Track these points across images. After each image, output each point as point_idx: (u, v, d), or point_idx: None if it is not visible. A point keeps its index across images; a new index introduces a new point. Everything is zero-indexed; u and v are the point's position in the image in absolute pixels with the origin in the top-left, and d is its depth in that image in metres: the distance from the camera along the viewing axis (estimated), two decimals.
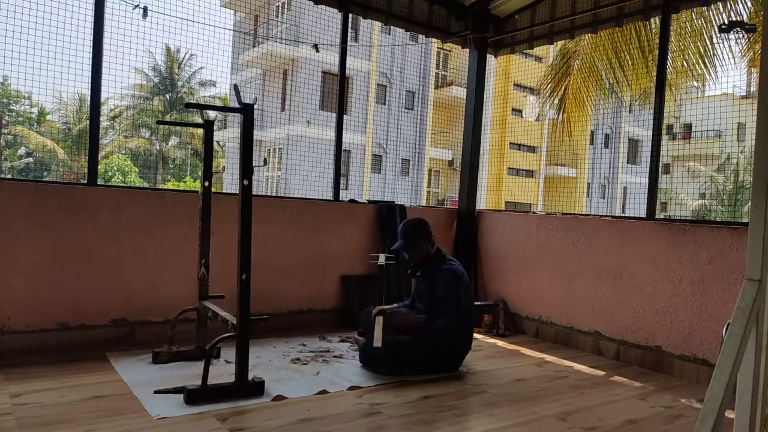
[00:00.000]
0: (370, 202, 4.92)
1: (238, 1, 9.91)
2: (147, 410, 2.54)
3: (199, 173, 4.21)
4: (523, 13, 5.09)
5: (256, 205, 2.87)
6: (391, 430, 2.54)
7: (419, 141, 18.35)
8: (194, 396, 2.65)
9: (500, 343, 4.36)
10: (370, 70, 17.56)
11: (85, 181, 3.63)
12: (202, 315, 3.34)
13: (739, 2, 5.73)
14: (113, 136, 24.36)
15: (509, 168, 15.85)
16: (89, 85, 3.62)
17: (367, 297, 4.58)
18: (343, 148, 4.76)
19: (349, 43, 4.73)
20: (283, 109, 14.25)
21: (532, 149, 17.06)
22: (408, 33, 5.31)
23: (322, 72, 12.92)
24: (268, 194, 10.51)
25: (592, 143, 15.93)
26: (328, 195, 4.74)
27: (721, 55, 6.26)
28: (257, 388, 2.83)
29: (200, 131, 3.47)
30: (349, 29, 4.76)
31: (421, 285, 3.60)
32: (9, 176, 21.29)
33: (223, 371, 3.09)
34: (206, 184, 3.37)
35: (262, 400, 2.77)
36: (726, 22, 5.79)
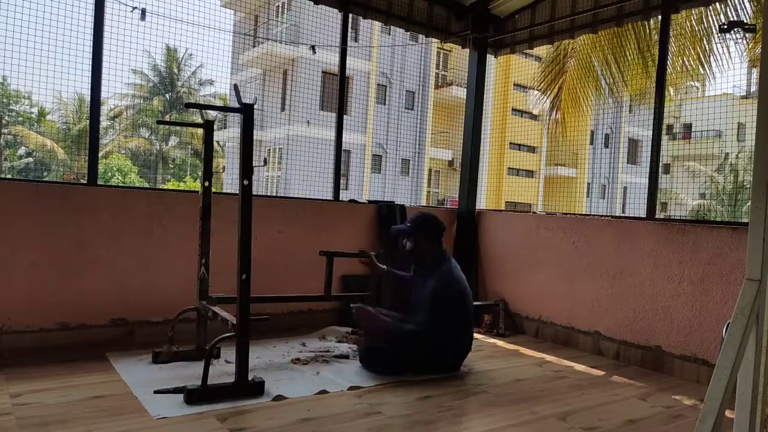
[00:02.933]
0: (370, 202, 4.92)
1: (238, 1, 9.91)
2: (147, 410, 2.54)
3: (199, 173, 4.21)
4: (523, 13, 5.09)
5: (256, 205, 2.87)
6: (391, 430, 2.54)
7: (419, 141, 18.34)
8: (194, 396, 2.65)
9: (500, 343, 4.36)
10: (370, 70, 17.57)
11: (85, 181, 3.64)
12: (202, 315, 3.34)
13: (738, 2, 5.73)
14: (113, 136, 24.36)
15: (509, 168, 15.85)
16: (89, 84, 3.62)
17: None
18: (343, 148, 4.76)
19: (349, 43, 4.73)
20: (283, 109, 14.26)
21: (532, 149, 17.05)
22: (408, 33, 5.31)
23: (322, 72, 12.93)
24: (268, 194, 10.51)
25: (592, 143, 15.92)
26: (328, 195, 4.74)
27: (719, 55, 6.27)
28: (257, 388, 2.82)
29: (200, 131, 3.47)
30: (349, 29, 4.76)
31: (417, 288, 3.54)
32: (9, 176, 21.29)
33: (222, 371, 3.09)
34: (206, 184, 3.37)
35: (262, 400, 2.77)
36: (726, 22, 5.79)
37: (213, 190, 3.42)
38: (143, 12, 4.19)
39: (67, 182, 5.80)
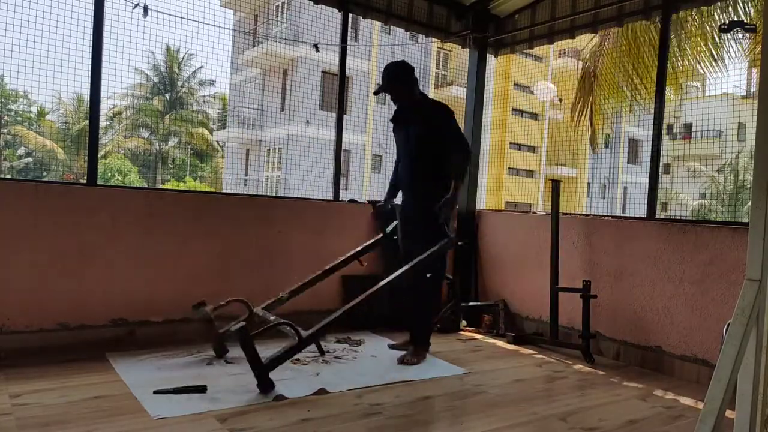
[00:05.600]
0: (370, 202, 4.92)
1: (238, 1, 9.91)
2: (146, 410, 2.54)
3: (199, 173, 4.19)
4: (523, 13, 5.08)
5: (255, 205, 2.87)
6: (391, 430, 2.53)
7: None
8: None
9: (500, 343, 4.36)
10: (370, 70, 17.55)
11: (85, 181, 3.63)
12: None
13: (739, 2, 5.74)
14: (112, 136, 24.35)
15: (509, 168, 15.84)
16: (89, 84, 3.61)
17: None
18: (343, 147, 4.75)
19: (349, 42, 4.73)
20: (282, 109, 14.25)
21: (532, 149, 17.05)
22: (408, 33, 5.30)
23: (322, 72, 12.92)
24: (268, 194, 10.51)
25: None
26: (328, 195, 4.74)
27: (720, 55, 6.28)
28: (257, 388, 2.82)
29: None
30: (349, 29, 4.75)
31: (404, 131, 3.70)
32: (8, 176, 21.29)
33: (222, 372, 3.09)
34: None
35: (262, 400, 2.77)
36: (726, 21, 5.79)
37: (212, 190, 3.42)
38: (145, 9, 4.17)
39: (66, 182, 5.79)
